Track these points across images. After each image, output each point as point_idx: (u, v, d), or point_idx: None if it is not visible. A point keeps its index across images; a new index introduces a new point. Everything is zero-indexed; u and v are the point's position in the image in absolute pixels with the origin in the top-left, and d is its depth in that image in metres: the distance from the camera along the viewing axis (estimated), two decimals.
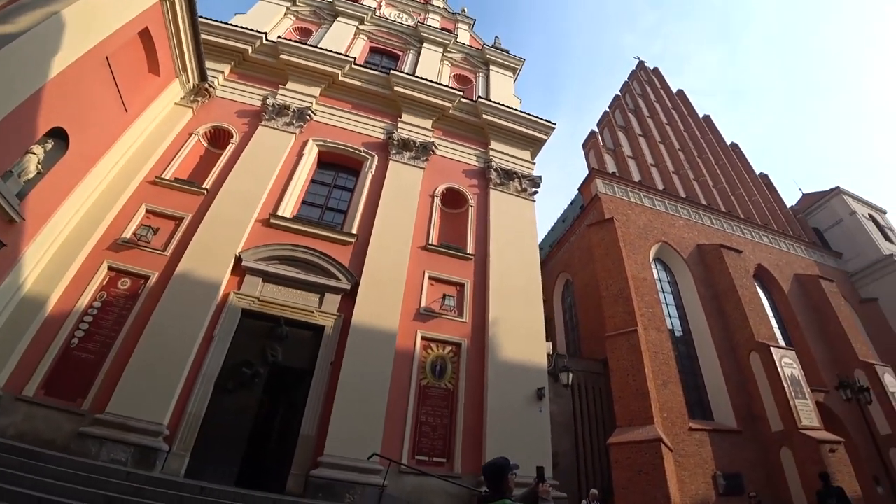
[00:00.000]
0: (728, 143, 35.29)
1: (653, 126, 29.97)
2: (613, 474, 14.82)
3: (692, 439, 17.12)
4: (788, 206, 34.33)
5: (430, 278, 12.14)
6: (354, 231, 12.36)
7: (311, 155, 13.83)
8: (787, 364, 19.23)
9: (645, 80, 35.78)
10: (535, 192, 15.39)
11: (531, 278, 13.12)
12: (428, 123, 15.70)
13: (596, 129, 27.34)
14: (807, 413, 18.38)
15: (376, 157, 14.34)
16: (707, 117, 36.42)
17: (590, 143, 25.90)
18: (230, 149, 12.98)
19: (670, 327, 19.89)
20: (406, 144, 14.62)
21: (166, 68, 11.80)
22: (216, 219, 10.95)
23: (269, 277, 10.77)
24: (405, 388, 10.41)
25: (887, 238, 33.48)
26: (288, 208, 12.36)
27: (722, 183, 29.14)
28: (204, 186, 11.72)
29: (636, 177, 24.71)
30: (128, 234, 10.19)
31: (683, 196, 25.31)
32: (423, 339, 11.18)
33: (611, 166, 24.44)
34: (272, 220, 11.67)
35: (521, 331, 11.87)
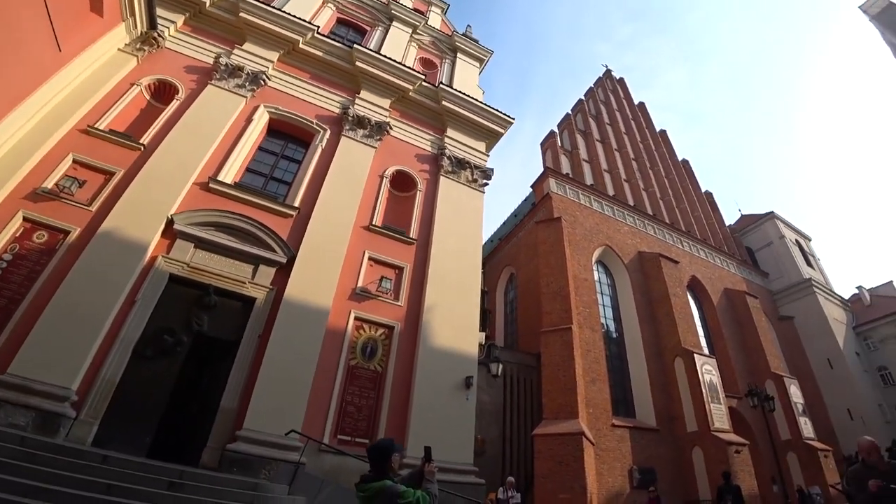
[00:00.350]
0: (680, 158, 36.85)
1: (611, 133, 30.85)
2: (536, 464, 15.35)
3: (614, 435, 17.99)
4: (727, 224, 36.33)
5: (370, 259, 12.00)
6: (297, 204, 12.02)
7: (260, 121, 13.31)
8: (708, 371, 20.45)
9: (610, 88, 36.68)
10: (486, 184, 15.51)
11: (471, 268, 13.25)
12: (386, 103, 15.44)
13: (556, 130, 27.86)
14: (720, 417, 19.68)
15: (328, 131, 13.98)
16: (663, 132, 37.81)
17: (548, 143, 26.39)
18: (174, 105, 12.26)
19: (604, 328, 20.73)
20: (361, 122, 14.34)
21: (111, 10, 10.99)
22: (150, 177, 10.34)
23: (201, 243, 10.31)
24: (333, 366, 10.29)
25: (809, 263, 36.12)
26: (230, 174, 11.85)
27: (669, 196, 30.46)
28: (141, 142, 11.03)
29: (589, 180, 25.43)
30: (49, 183, 9.45)
31: (631, 204, 26.32)
32: (357, 319, 11.06)
33: (566, 167, 25.01)
34: (211, 185, 11.15)
35: (455, 319, 11.97)
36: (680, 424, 19.80)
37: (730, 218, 39.19)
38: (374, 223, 12.72)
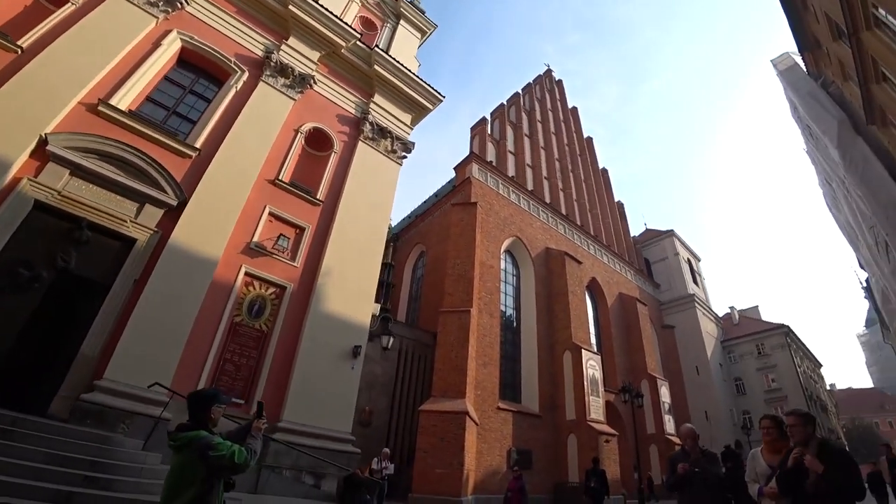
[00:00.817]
0: (600, 167, 38.73)
1: (540, 131, 31.62)
2: (418, 438, 15.55)
3: (498, 417, 18.69)
4: (632, 234, 38.89)
5: (271, 214, 11.34)
6: (198, 145, 10.98)
7: (171, 48, 11.95)
8: (592, 366, 21.84)
9: (547, 87, 37.48)
10: (405, 157, 15.26)
11: (376, 239, 13.01)
12: (315, 56, 14.56)
13: (488, 118, 28.04)
14: (596, 408, 21.15)
15: (246, 73, 12.91)
16: (589, 139, 39.46)
17: (478, 129, 26.52)
18: (68, 9, 10.62)
19: (503, 315, 21.38)
20: (284, 70, 13.41)
21: None
22: (27, 85, 8.90)
23: (79, 171, 9.08)
24: (215, 321, 9.64)
25: (695, 280, 39.78)
26: (126, 99, 10.53)
27: (584, 200, 31.96)
28: (19, 43, 9.50)
29: (511, 172, 25.95)
30: None
31: (547, 201, 27.25)
32: (247, 275, 10.43)
33: (491, 155, 25.29)
34: (101, 108, 9.84)
35: (351, 287, 11.71)
36: (560, 413, 21.03)
37: (635, 229, 42.06)
38: (280, 178, 12.00)
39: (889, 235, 14.31)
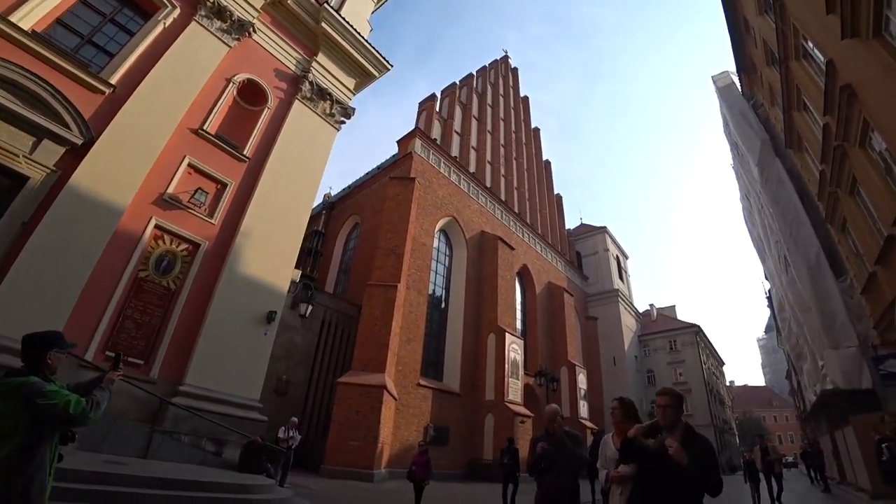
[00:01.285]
0: (544, 158, 39.42)
1: (489, 115, 31.63)
2: (335, 410, 15.32)
3: (418, 393, 18.78)
4: (568, 227, 40.08)
5: (190, 166, 10.48)
6: (114, 81, 9.93)
7: None
8: (514, 349, 22.40)
9: (502, 73, 37.44)
10: (343, 122, 14.67)
11: (303, 203, 12.43)
12: (258, 2, 13.58)
13: (438, 95, 27.64)
14: (514, 390, 21.77)
15: (178, 10, 11.73)
16: (537, 129, 40.01)
17: (426, 105, 26.10)
18: None
19: (431, 293, 21.40)
20: (221, 12, 12.32)
21: None
22: None
23: None
24: (116, 274, 8.83)
25: (620, 277, 41.79)
26: (31, 18, 9.24)
27: (524, 188, 32.45)
28: None
29: (455, 152, 25.80)
30: None
31: (488, 186, 27.39)
32: (158, 228, 9.62)
33: (436, 133, 25.00)
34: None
35: (272, 250, 11.14)
36: (480, 392, 21.47)
37: (571, 223, 43.39)
38: (204, 128, 11.10)
39: (789, 251, 15.59)
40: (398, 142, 23.72)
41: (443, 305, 22.38)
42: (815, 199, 13.53)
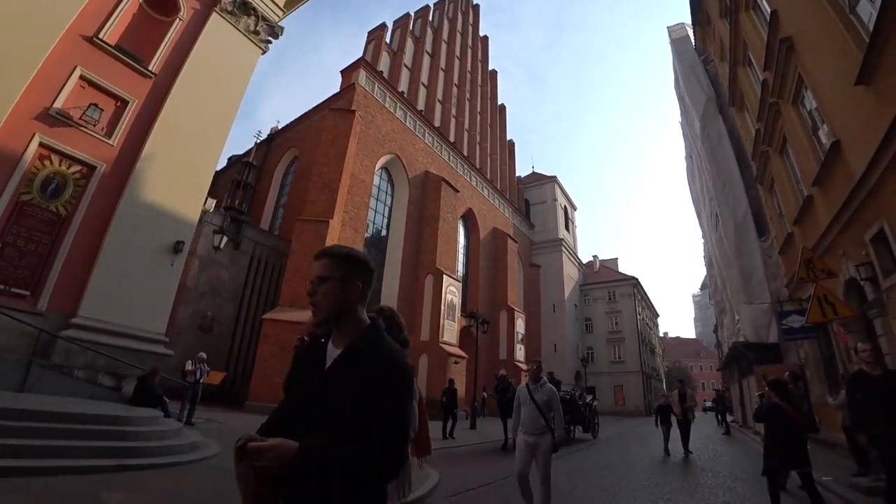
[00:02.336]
0: (499, 103, 38.55)
1: (444, 52, 30.30)
2: (260, 347, 15.13)
3: None
4: (519, 175, 40.01)
5: (83, 78, 9.41)
6: None
7: None
8: (452, 292, 22.62)
9: (461, 8, 35.62)
10: (269, 42, 13.52)
11: (217, 127, 11.51)
12: None
13: (389, 25, 26.07)
14: (450, 332, 22.16)
15: None
16: (494, 72, 38.85)
17: (375, 34, 24.63)
18: None
19: (370, 231, 21.05)
20: None
21: None
22: None
23: None
24: None
25: (567, 227, 42.56)
26: None
27: (475, 131, 31.79)
28: None
29: (403, 86, 24.73)
30: None
31: (436, 125, 26.60)
32: (43, 146, 8.68)
33: (384, 66, 23.80)
34: None
35: (180, 177, 10.34)
36: (416, 333, 21.70)
37: (523, 170, 43.37)
38: (101, 36, 9.87)
39: (720, 208, 16.04)
40: (342, 72, 22.43)
41: (382, 244, 22.10)
42: (749, 160, 13.82)
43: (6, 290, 7.94)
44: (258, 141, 20.73)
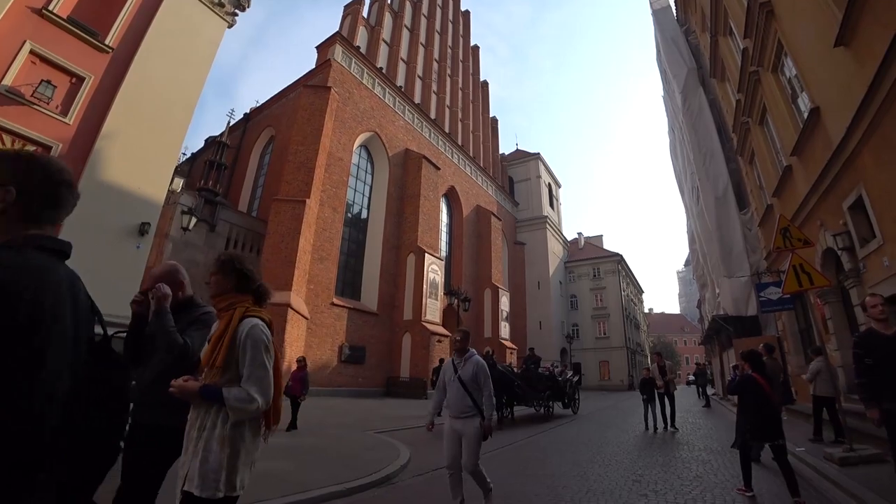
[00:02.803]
0: (482, 79, 37.87)
1: (423, 26, 29.49)
2: None
3: (332, 312, 18.53)
4: (501, 151, 39.60)
5: (34, 53, 8.91)
6: None
7: None
8: (434, 270, 22.43)
9: None
10: (236, 15, 12.91)
11: (183, 105, 11.00)
12: None
13: None
14: (432, 311, 22.02)
15: None
16: (476, 47, 38.05)
17: (351, 8, 23.82)
18: None
19: (350, 211, 20.68)
20: None
21: None
22: None
23: None
24: None
25: (551, 204, 42.47)
26: None
27: (457, 108, 31.24)
28: None
29: (381, 62, 24.06)
30: None
31: (417, 102, 26.03)
32: None
33: (362, 41, 23.08)
34: None
35: (142, 156, 9.91)
36: (399, 312, 21.61)
37: (506, 148, 42.97)
38: (51, 8, 9.29)
39: (700, 182, 15.95)
40: (317, 48, 21.72)
41: (360, 222, 21.75)
42: (730, 132, 13.70)
43: None
44: (230, 121, 20.05)
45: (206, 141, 26.60)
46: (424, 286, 21.43)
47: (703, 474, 4.92)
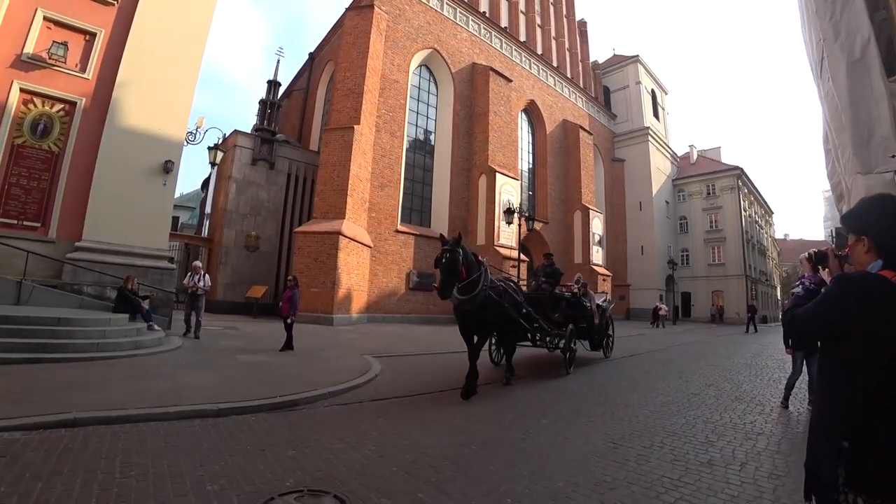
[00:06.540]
0: None
1: None
2: (294, 260, 15.56)
3: (396, 240, 18.60)
4: (594, 59, 35.38)
5: (46, 19, 9.49)
6: None
7: None
8: (507, 191, 21.24)
9: None
10: None
11: (192, 43, 11.05)
12: None
13: None
14: (507, 235, 21.06)
15: None
16: None
17: None
18: None
19: (410, 135, 20.03)
20: None
21: None
22: None
23: None
24: None
25: (655, 114, 37.54)
26: None
27: (534, 13, 28.04)
28: None
29: None
30: None
31: (483, 11, 23.73)
32: (25, 92, 9.12)
33: None
34: None
35: (158, 99, 10.32)
36: (471, 237, 21.00)
37: (602, 54, 38.32)
38: None
39: (826, 43, 12.36)
40: None
41: (426, 145, 21.07)
42: None
43: (20, 224, 9.01)
44: (279, 57, 20.14)
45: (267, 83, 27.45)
46: (497, 208, 20.46)
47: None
